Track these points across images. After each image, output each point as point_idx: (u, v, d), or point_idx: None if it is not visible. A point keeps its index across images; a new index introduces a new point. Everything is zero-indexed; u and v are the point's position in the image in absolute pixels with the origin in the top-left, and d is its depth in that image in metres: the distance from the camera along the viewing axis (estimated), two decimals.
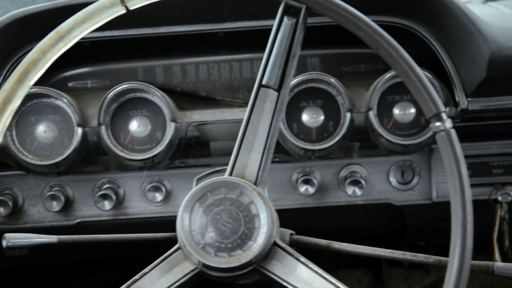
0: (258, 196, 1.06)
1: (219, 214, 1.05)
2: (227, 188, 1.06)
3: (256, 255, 1.04)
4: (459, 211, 0.91)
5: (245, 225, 1.05)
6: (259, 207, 1.05)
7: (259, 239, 1.04)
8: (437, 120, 0.94)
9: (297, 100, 1.44)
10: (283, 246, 1.07)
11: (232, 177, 1.07)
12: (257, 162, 1.08)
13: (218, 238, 1.04)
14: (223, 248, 1.04)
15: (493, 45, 1.26)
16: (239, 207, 1.05)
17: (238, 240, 1.04)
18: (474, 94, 1.34)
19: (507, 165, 1.50)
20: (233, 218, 1.05)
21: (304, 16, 1.01)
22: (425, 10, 1.36)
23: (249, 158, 1.08)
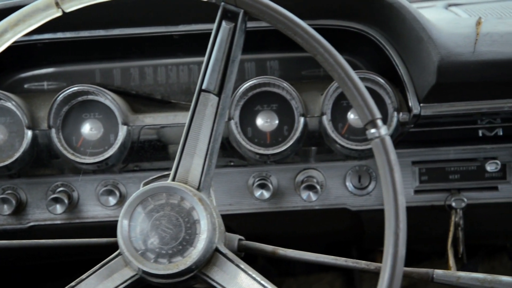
0: (199, 201, 1.05)
1: (159, 220, 1.04)
2: (168, 194, 1.05)
3: (196, 261, 1.02)
4: (392, 219, 0.91)
5: (186, 231, 1.04)
6: (199, 213, 1.04)
7: (199, 245, 1.03)
8: (372, 127, 0.94)
9: (251, 104, 1.43)
10: (225, 253, 1.06)
11: (174, 183, 1.06)
12: (200, 167, 1.07)
13: (159, 244, 1.03)
14: (163, 254, 1.03)
15: (443, 51, 1.25)
16: (180, 212, 1.04)
17: (179, 246, 1.03)
18: (426, 99, 1.33)
19: (464, 170, 1.49)
20: (173, 223, 1.04)
21: (242, 20, 1.00)
22: (377, 14, 1.35)
23: (191, 163, 1.07)
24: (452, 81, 1.26)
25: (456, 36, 1.28)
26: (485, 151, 1.47)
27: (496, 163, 1.44)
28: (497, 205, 1.49)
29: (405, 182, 1.50)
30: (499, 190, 1.48)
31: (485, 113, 1.35)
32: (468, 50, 1.25)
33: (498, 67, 1.24)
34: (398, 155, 1.47)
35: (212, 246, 1.04)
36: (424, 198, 1.50)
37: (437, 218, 1.52)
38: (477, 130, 1.43)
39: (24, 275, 2.07)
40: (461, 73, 1.25)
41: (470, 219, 1.51)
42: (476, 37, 1.27)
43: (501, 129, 1.42)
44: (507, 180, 1.48)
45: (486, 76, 1.25)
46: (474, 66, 1.24)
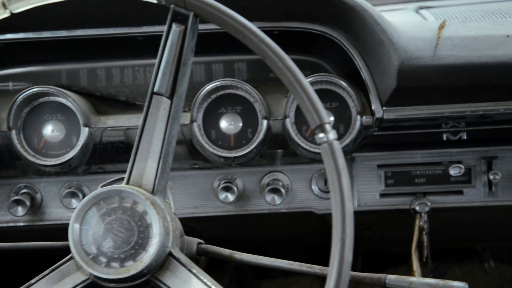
0: (151, 205, 1.04)
1: (112, 224, 1.03)
2: (120, 197, 1.04)
3: (147, 265, 1.02)
4: (338, 224, 0.90)
5: (139, 235, 1.03)
6: (152, 217, 1.03)
7: (150, 250, 1.02)
8: (320, 132, 0.93)
9: (215, 107, 1.42)
10: (178, 257, 1.05)
11: (127, 186, 1.06)
12: (154, 170, 1.07)
13: (111, 248, 1.02)
14: (116, 259, 1.02)
15: (403, 55, 1.25)
16: (132, 216, 1.03)
17: (131, 250, 1.02)
18: (389, 103, 1.33)
19: (429, 174, 1.49)
20: (126, 227, 1.03)
21: (193, 23, 0.99)
22: (340, 17, 1.35)
23: (145, 166, 1.07)
24: (412, 85, 1.26)
25: (417, 40, 1.27)
26: (450, 155, 1.47)
27: (459, 167, 1.44)
28: (462, 209, 1.48)
29: (370, 185, 1.50)
30: (464, 194, 1.47)
31: (448, 117, 1.35)
32: (428, 54, 1.25)
33: (458, 71, 1.24)
34: (363, 158, 1.50)
35: (165, 250, 1.04)
36: (389, 201, 1.50)
37: (403, 222, 1.51)
38: (442, 134, 1.42)
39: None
40: (421, 77, 1.25)
41: (436, 223, 1.51)
42: (437, 41, 1.27)
43: (465, 133, 1.41)
44: (472, 184, 1.47)
45: (446, 80, 1.25)
46: (434, 70, 1.24)
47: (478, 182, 1.47)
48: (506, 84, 1.25)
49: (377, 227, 1.59)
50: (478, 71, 1.23)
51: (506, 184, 1.45)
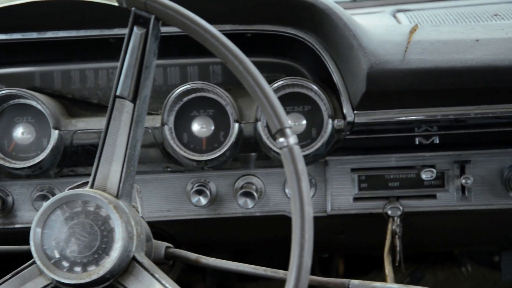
0: (114, 209, 1.03)
1: (74, 228, 1.02)
2: (83, 201, 1.03)
3: (109, 270, 1.01)
4: (297, 230, 0.89)
5: (102, 239, 1.02)
6: (115, 221, 1.03)
7: (113, 254, 1.02)
8: (281, 136, 0.92)
9: (187, 110, 1.42)
10: (141, 262, 1.04)
11: (90, 190, 1.05)
12: (118, 174, 1.06)
13: (74, 252, 1.01)
14: (78, 263, 1.01)
15: (372, 59, 1.24)
16: (95, 220, 1.03)
17: (94, 255, 1.01)
18: (360, 107, 1.32)
19: (403, 178, 1.48)
20: (88, 232, 1.02)
21: (154, 26, 0.98)
22: (311, 20, 1.34)
23: (109, 170, 1.06)
24: (382, 89, 1.25)
25: (387, 44, 1.27)
26: (423, 159, 1.46)
27: (431, 171, 1.43)
28: (435, 213, 1.48)
29: (344, 189, 1.49)
30: (437, 198, 1.47)
31: (420, 121, 1.34)
32: (397, 58, 1.24)
33: (427, 75, 1.23)
34: (337, 162, 1.49)
35: (128, 255, 1.03)
36: (363, 205, 1.49)
37: (376, 226, 1.50)
38: (414, 138, 1.42)
39: None
40: (390, 81, 1.24)
41: (410, 227, 1.50)
42: (407, 45, 1.27)
43: (438, 137, 1.41)
44: (445, 189, 1.46)
45: (415, 84, 1.24)
46: (403, 74, 1.23)
47: (451, 186, 1.46)
48: (475, 89, 1.25)
49: (351, 231, 1.58)
50: (447, 75, 1.23)
51: (479, 188, 1.45)
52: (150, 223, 1.54)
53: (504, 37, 1.27)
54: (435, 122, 1.36)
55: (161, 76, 1.55)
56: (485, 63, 1.22)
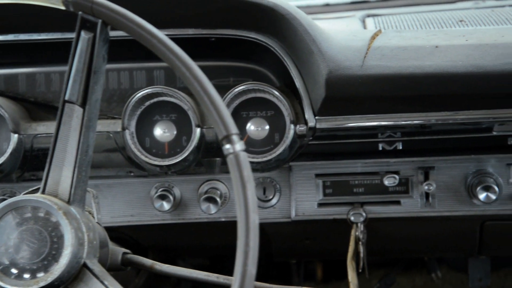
0: (64, 215, 1.02)
1: (23, 234, 1.01)
2: (33, 207, 1.02)
3: (58, 277, 1.00)
4: (242, 237, 0.88)
5: (52, 245, 1.01)
6: (64, 227, 1.01)
7: (61, 261, 1.00)
8: (227, 143, 0.91)
9: (150, 114, 1.41)
10: (92, 268, 1.03)
11: (40, 195, 1.04)
12: (69, 179, 1.05)
13: (23, 259, 1.00)
14: (27, 270, 1.00)
15: (331, 64, 1.23)
16: (45, 226, 1.01)
17: (44, 262, 1.00)
18: (321, 112, 1.31)
19: (367, 184, 1.47)
20: (37, 238, 1.01)
21: (102, 30, 0.97)
22: (272, 25, 1.33)
23: (61, 175, 1.05)
24: (341, 95, 1.25)
25: (347, 49, 1.26)
26: (388, 165, 1.45)
27: (394, 178, 1.43)
28: (399, 220, 1.47)
29: (308, 195, 1.48)
30: (402, 204, 1.46)
31: (381, 127, 1.34)
32: (356, 64, 1.24)
33: (385, 81, 1.23)
34: (301, 167, 1.48)
35: (78, 261, 1.02)
36: (327, 211, 1.48)
37: (341, 232, 1.50)
38: (378, 144, 1.41)
39: None
40: (349, 87, 1.24)
41: (374, 233, 1.50)
42: (366, 51, 1.26)
43: (401, 143, 1.40)
44: (410, 195, 1.46)
45: (374, 91, 1.24)
46: (362, 80, 1.23)
47: (415, 193, 1.45)
48: (435, 95, 1.24)
49: (316, 236, 1.57)
50: (405, 82, 1.22)
51: (443, 195, 1.44)
52: (113, 228, 1.54)
53: (463, 44, 1.26)
54: (397, 128, 1.35)
55: (127, 79, 1.54)
56: (443, 69, 1.21)
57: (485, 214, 1.43)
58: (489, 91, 1.22)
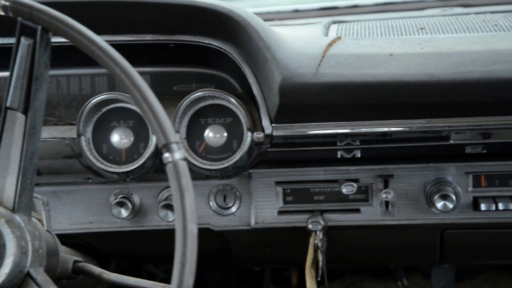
0: (6, 224, 1.00)
1: None
2: None
3: None
4: (179, 247, 0.87)
5: None
6: (6, 236, 1.00)
7: (3, 270, 0.98)
8: (166, 151, 0.90)
9: (107, 120, 1.40)
10: (35, 277, 1.01)
11: None
12: (14, 187, 1.03)
13: None
14: None
15: (285, 72, 1.23)
16: None
17: None
18: (277, 120, 1.30)
19: (327, 192, 1.46)
20: None
21: (42, 36, 0.96)
22: (229, 32, 1.32)
23: (5, 183, 1.03)
24: (295, 103, 1.24)
25: (301, 57, 1.26)
26: (348, 173, 1.45)
27: (352, 186, 1.42)
28: (359, 228, 1.46)
29: (268, 202, 1.47)
30: (361, 212, 1.45)
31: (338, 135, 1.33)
32: (310, 71, 1.23)
33: (339, 89, 1.22)
34: (261, 175, 1.47)
35: (21, 270, 1.00)
36: (287, 219, 1.47)
37: (302, 240, 1.49)
38: (336, 152, 1.41)
39: None
40: (303, 94, 1.23)
41: (335, 242, 1.49)
42: (321, 58, 1.25)
43: (359, 151, 1.40)
44: (370, 203, 1.45)
45: (327, 99, 1.23)
46: (316, 88, 1.22)
47: (375, 201, 1.45)
48: (387, 104, 1.23)
49: (277, 244, 1.56)
50: (358, 90, 1.22)
51: (403, 203, 1.43)
52: (72, 235, 1.53)
53: (418, 52, 1.26)
54: (355, 136, 1.34)
55: (88, 85, 1.53)
56: (396, 78, 1.21)
57: (444, 222, 1.42)
58: (442, 99, 1.21)
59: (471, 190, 1.41)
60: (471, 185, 1.41)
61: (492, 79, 1.18)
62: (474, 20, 1.55)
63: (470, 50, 1.24)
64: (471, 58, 1.21)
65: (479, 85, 1.19)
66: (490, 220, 1.40)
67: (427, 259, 1.65)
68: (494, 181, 1.41)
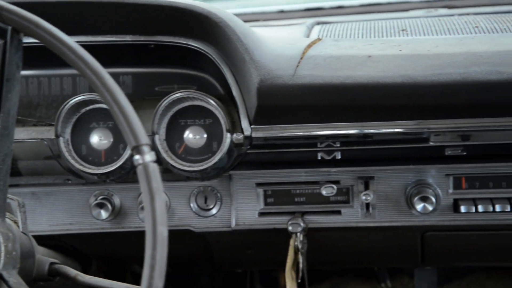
0: None
1: None
2: None
3: None
4: (149, 250, 0.87)
5: None
6: None
7: None
8: (136, 153, 0.90)
9: (86, 121, 1.39)
10: (7, 280, 1.01)
11: None
12: None
13: None
14: None
15: (262, 73, 1.22)
16: None
17: None
18: (256, 121, 1.30)
19: (309, 193, 1.46)
20: None
21: (13, 37, 0.95)
22: (208, 33, 1.32)
23: None
24: (273, 104, 1.24)
25: (280, 58, 1.25)
26: (329, 174, 1.44)
27: (332, 187, 1.41)
28: (340, 230, 1.46)
29: (249, 204, 1.47)
30: (342, 214, 1.45)
31: (317, 137, 1.32)
32: (288, 73, 1.22)
33: (316, 91, 1.22)
34: (241, 176, 1.47)
35: None
36: (268, 220, 1.47)
37: (283, 241, 1.48)
38: (317, 153, 1.40)
39: None
40: (281, 96, 1.22)
41: (315, 244, 1.48)
42: (299, 60, 1.25)
43: (340, 153, 1.39)
44: (350, 205, 1.45)
45: (305, 100, 1.23)
46: (293, 90, 1.21)
47: (356, 203, 1.44)
48: (365, 106, 1.23)
49: (258, 246, 1.56)
50: (336, 92, 1.21)
51: (383, 205, 1.43)
52: (52, 236, 1.52)
53: (396, 54, 1.26)
54: (335, 138, 1.34)
55: (70, 86, 1.52)
56: (374, 79, 1.20)
57: (425, 224, 1.42)
58: (420, 102, 1.21)
59: (451, 192, 1.40)
60: (452, 187, 1.41)
61: (469, 81, 1.17)
62: (456, 22, 1.55)
63: (448, 52, 1.24)
64: (449, 60, 1.20)
65: (456, 87, 1.18)
66: (470, 222, 1.39)
67: (409, 261, 1.65)
68: (475, 183, 1.41)
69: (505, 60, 1.19)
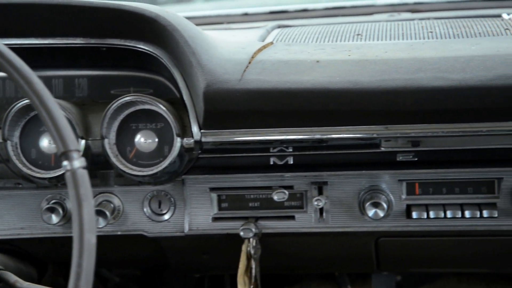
0: None
1: None
2: None
3: None
4: (75, 258, 0.85)
5: None
6: None
7: None
8: (65, 159, 0.89)
9: (35, 125, 1.37)
10: None
11: None
12: None
13: None
14: None
15: (209, 77, 1.21)
16: None
17: None
18: (205, 126, 1.29)
19: (262, 198, 1.44)
20: None
21: None
22: (156, 36, 1.31)
23: None
24: (220, 109, 1.22)
25: (228, 62, 1.24)
26: (282, 179, 1.43)
27: (283, 193, 1.40)
28: (294, 235, 1.45)
29: (203, 209, 1.45)
30: (296, 219, 1.43)
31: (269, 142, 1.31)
32: (235, 77, 1.21)
33: (263, 96, 1.20)
34: (194, 181, 1.45)
35: None
36: (221, 225, 1.45)
37: (237, 247, 1.47)
38: (269, 158, 1.39)
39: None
40: (228, 101, 1.21)
41: (269, 249, 1.47)
42: (247, 64, 1.24)
43: (292, 157, 1.38)
44: (304, 210, 1.43)
45: (252, 105, 1.21)
46: (240, 94, 1.20)
47: (309, 208, 1.43)
48: (312, 111, 1.22)
49: (213, 251, 1.54)
50: (283, 97, 1.20)
51: (336, 210, 1.42)
52: (3, 240, 1.50)
53: (345, 59, 1.25)
54: (286, 143, 1.33)
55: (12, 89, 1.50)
56: (321, 85, 1.19)
57: (378, 230, 1.41)
58: (366, 107, 1.20)
59: (404, 198, 1.40)
60: (405, 192, 1.40)
61: (415, 87, 1.17)
62: (413, 27, 1.54)
63: (396, 57, 1.23)
64: (396, 66, 1.20)
65: (402, 93, 1.18)
66: (422, 228, 1.39)
67: (364, 267, 1.64)
68: (428, 189, 1.40)
69: (451, 66, 1.19)
